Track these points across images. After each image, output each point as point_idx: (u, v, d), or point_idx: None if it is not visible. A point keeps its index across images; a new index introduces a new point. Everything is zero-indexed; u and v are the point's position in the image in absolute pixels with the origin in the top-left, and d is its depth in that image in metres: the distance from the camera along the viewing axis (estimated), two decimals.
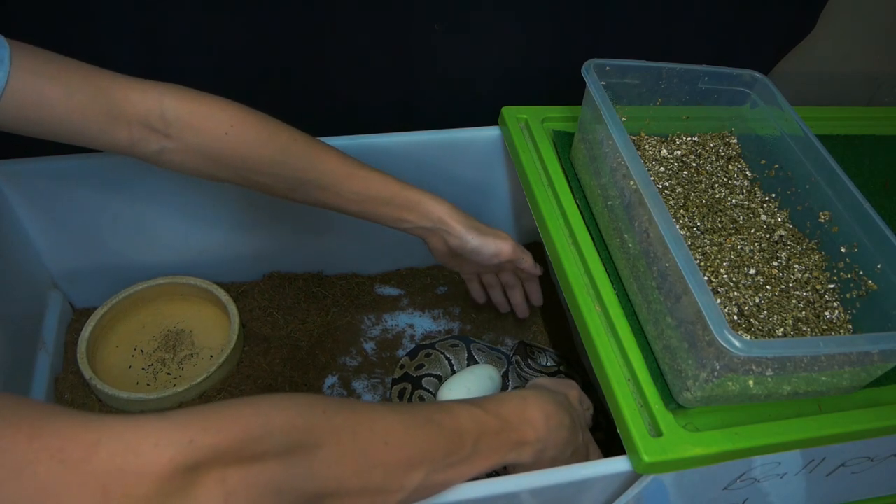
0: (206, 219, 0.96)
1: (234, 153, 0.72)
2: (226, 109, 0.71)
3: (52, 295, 0.96)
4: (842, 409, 0.70)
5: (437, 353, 0.96)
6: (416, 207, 0.82)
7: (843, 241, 0.76)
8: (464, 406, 0.59)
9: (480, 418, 0.59)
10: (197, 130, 0.69)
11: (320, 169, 0.76)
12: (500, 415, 0.61)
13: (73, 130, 0.65)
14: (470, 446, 0.57)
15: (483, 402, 0.62)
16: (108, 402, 0.88)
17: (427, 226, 0.83)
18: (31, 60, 0.62)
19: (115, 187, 0.88)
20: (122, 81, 0.67)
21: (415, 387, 0.90)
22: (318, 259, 1.07)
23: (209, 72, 0.93)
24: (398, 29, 0.94)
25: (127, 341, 0.97)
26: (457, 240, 0.84)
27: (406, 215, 0.82)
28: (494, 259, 0.87)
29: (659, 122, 0.90)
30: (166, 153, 0.71)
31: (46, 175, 0.85)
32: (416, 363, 0.94)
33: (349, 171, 0.78)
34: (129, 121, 0.67)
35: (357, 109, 1.03)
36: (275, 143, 0.73)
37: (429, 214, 0.82)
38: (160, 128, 0.68)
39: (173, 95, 0.68)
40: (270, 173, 0.74)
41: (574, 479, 0.65)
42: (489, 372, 0.92)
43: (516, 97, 0.98)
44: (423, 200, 0.82)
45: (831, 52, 1.19)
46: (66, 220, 0.90)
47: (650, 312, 0.70)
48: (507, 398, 0.64)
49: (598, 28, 1.01)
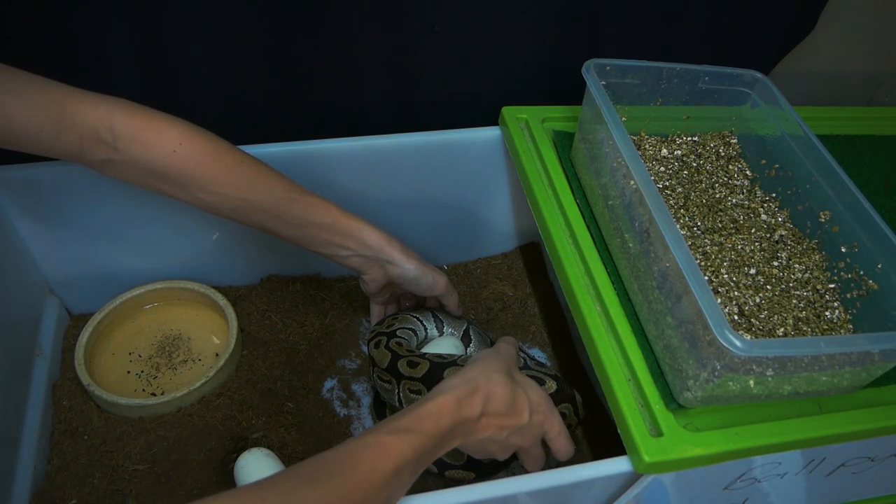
0: (202, 223, 0.95)
1: (179, 170, 0.73)
2: (174, 127, 0.73)
3: (49, 301, 0.96)
4: (842, 409, 0.70)
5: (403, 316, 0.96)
6: (356, 234, 0.82)
7: (843, 241, 0.76)
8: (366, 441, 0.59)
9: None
10: (144, 145, 0.71)
11: (263, 191, 0.77)
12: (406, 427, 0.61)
13: (28, 139, 0.67)
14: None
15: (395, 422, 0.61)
16: (107, 408, 0.88)
17: (367, 254, 0.84)
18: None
19: (111, 193, 0.88)
20: (75, 94, 0.69)
21: (389, 337, 0.90)
22: (316, 262, 1.07)
23: (209, 73, 0.93)
24: (398, 29, 0.94)
25: (125, 347, 0.97)
26: (397, 269, 0.86)
27: (346, 242, 0.82)
28: (429, 291, 0.89)
29: (659, 122, 0.90)
30: (112, 165, 0.72)
31: (42, 181, 0.85)
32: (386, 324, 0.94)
33: (291, 195, 0.79)
34: (80, 131, 0.68)
35: (357, 110, 1.03)
36: (220, 163, 0.75)
37: (367, 242, 0.83)
38: (108, 140, 0.70)
39: (123, 110, 0.70)
40: (214, 192, 0.75)
41: (574, 479, 0.65)
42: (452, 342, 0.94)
43: (516, 97, 0.98)
44: (363, 228, 0.83)
45: (831, 52, 1.19)
46: (62, 226, 0.90)
47: (650, 312, 0.70)
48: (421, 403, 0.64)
49: (598, 28, 1.01)
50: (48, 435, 0.86)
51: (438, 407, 0.62)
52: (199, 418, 0.88)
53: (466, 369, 0.68)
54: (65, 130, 0.68)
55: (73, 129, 0.68)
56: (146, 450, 0.84)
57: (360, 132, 0.94)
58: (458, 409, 0.63)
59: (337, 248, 0.83)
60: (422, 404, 0.62)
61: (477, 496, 0.63)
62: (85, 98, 0.69)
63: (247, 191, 0.76)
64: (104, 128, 0.69)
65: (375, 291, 0.91)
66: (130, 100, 0.72)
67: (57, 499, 0.80)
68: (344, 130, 0.94)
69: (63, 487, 0.81)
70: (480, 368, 0.68)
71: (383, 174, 0.98)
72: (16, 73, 0.66)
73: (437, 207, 1.05)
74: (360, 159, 0.94)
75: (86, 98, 0.69)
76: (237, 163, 0.76)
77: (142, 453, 0.84)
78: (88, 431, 0.86)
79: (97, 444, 0.85)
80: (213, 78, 0.93)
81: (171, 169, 0.73)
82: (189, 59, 0.91)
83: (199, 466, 0.84)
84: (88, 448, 0.85)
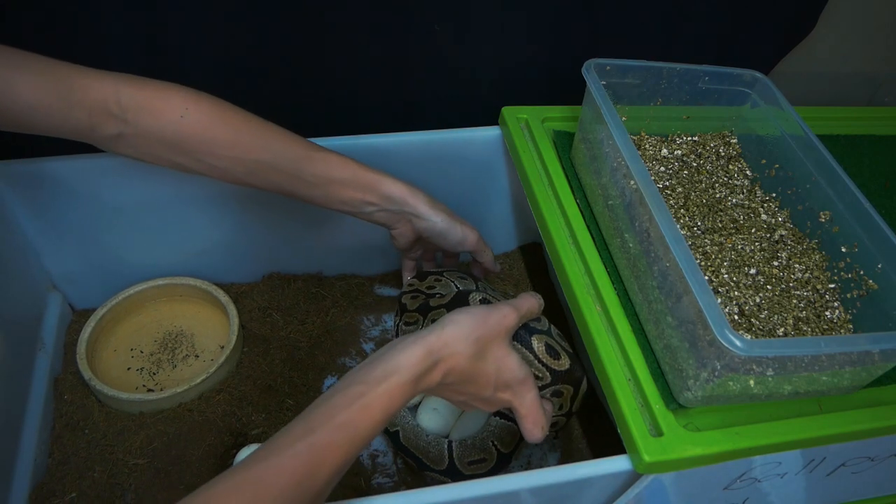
0: (205, 219, 0.95)
1: (189, 136, 0.73)
2: (180, 93, 0.72)
3: (52, 296, 0.96)
4: (842, 408, 0.70)
5: (446, 280, 0.92)
6: (377, 187, 0.80)
7: (843, 241, 0.76)
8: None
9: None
10: (152, 114, 0.71)
11: (276, 150, 0.76)
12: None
13: (37, 118, 0.67)
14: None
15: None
16: (108, 403, 0.88)
17: (391, 209, 0.82)
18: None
19: (114, 188, 0.88)
20: (79, 70, 0.68)
21: (428, 297, 0.86)
22: (318, 260, 1.07)
23: (209, 73, 0.93)
24: (398, 29, 0.94)
25: (126, 342, 0.97)
26: (424, 222, 0.83)
27: (368, 196, 0.80)
28: (459, 246, 0.87)
29: (659, 122, 0.90)
30: (124, 139, 0.72)
31: (45, 176, 0.85)
32: (426, 284, 0.91)
33: (306, 152, 0.78)
34: (89, 106, 0.68)
35: (357, 110, 1.03)
36: (229, 125, 0.74)
37: (390, 194, 0.81)
38: (117, 113, 0.69)
39: (128, 82, 0.70)
40: (227, 156, 0.75)
41: (574, 478, 0.65)
42: None
43: (516, 97, 0.98)
44: (384, 180, 0.81)
45: (831, 52, 1.19)
46: (65, 221, 0.90)
47: (651, 312, 0.70)
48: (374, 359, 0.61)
49: (598, 28, 1.01)
50: (49, 428, 0.86)
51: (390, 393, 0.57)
52: (200, 414, 0.88)
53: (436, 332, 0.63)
54: (74, 106, 0.67)
55: (81, 104, 0.67)
56: (146, 444, 0.85)
57: (360, 132, 0.94)
58: (414, 387, 0.60)
59: (360, 203, 0.81)
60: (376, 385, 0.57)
61: (477, 492, 0.63)
62: (90, 73, 0.68)
63: (260, 151, 0.75)
64: (112, 101, 0.69)
65: (406, 247, 0.89)
66: None
67: (57, 492, 0.80)
68: (344, 130, 0.94)
69: (63, 481, 0.81)
70: (450, 335, 0.63)
71: None
72: (20, 53, 0.66)
73: None
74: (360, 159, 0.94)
75: (91, 73, 0.68)
76: (246, 123, 0.75)
77: (142, 448, 0.84)
78: (89, 425, 0.87)
79: (98, 439, 0.85)
80: (213, 78, 0.93)
81: (181, 136, 0.72)
82: (188, 59, 0.91)
83: (198, 461, 0.84)
84: (89, 442, 0.85)
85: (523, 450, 0.92)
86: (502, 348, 0.67)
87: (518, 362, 0.68)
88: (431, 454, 0.83)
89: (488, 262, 0.91)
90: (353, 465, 0.87)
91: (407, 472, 0.89)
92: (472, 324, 0.65)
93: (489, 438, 0.84)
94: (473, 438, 0.85)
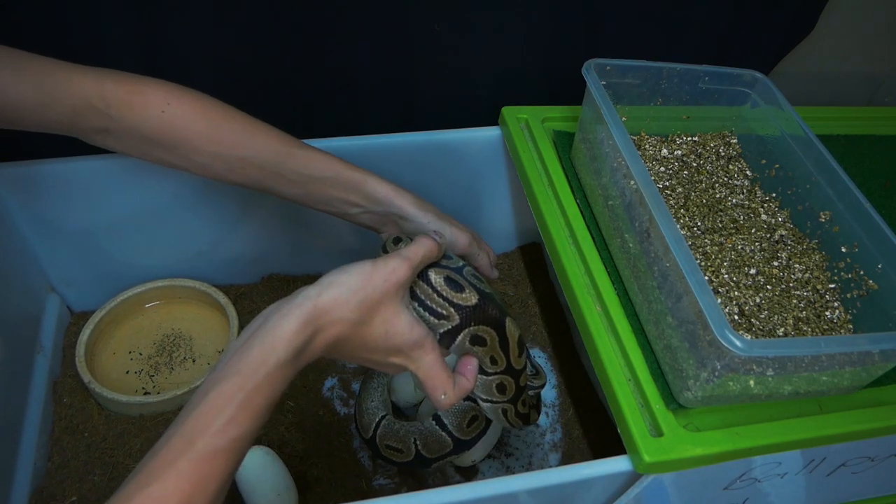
0: (203, 221, 0.95)
1: (170, 131, 0.72)
2: (162, 88, 0.72)
3: (50, 298, 0.96)
4: (842, 409, 0.70)
5: None
6: (361, 187, 0.77)
7: (843, 241, 0.76)
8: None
9: None
10: (134, 108, 0.70)
11: (257, 146, 0.74)
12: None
13: (22, 111, 0.66)
14: None
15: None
16: (108, 405, 0.88)
17: (377, 210, 0.79)
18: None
19: (113, 190, 0.88)
20: (63, 65, 0.68)
21: None
22: (317, 261, 1.07)
23: (209, 73, 0.93)
24: (398, 29, 0.94)
25: (125, 344, 0.97)
26: (411, 224, 0.79)
27: (351, 196, 0.77)
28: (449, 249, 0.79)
29: (659, 122, 0.90)
30: (109, 133, 0.71)
31: (44, 178, 0.85)
32: None
33: (288, 149, 0.75)
34: (73, 100, 0.68)
35: (357, 110, 1.03)
36: (209, 120, 0.73)
37: (375, 195, 0.77)
38: (101, 107, 0.69)
39: (111, 77, 0.70)
40: (208, 151, 0.73)
41: (574, 478, 0.65)
42: None
43: (516, 97, 0.99)
44: (369, 180, 0.77)
45: (831, 52, 1.19)
46: (63, 223, 0.90)
47: (651, 312, 0.70)
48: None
49: (598, 28, 1.01)
50: (48, 432, 0.86)
51: (270, 380, 0.52)
52: None
53: (312, 298, 0.56)
54: (57, 101, 0.67)
55: (65, 98, 0.67)
56: (146, 447, 0.84)
57: (360, 132, 0.94)
58: (295, 364, 0.55)
59: (343, 204, 0.78)
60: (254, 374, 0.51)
61: (476, 494, 0.63)
62: (74, 68, 0.68)
63: (241, 147, 0.74)
64: (96, 95, 0.68)
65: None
66: None
67: (57, 496, 0.80)
68: (343, 130, 0.94)
69: (63, 484, 0.81)
70: (329, 301, 0.56)
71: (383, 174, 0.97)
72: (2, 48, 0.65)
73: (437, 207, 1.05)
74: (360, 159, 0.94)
75: (75, 68, 0.68)
76: (228, 118, 0.74)
77: (142, 451, 0.84)
78: (89, 429, 0.87)
79: (97, 442, 0.85)
80: (212, 78, 0.93)
81: (162, 131, 0.71)
82: (187, 60, 0.91)
83: None
84: (89, 445, 0.85)
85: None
86: (390, 308, 0.60)
87: (409, 323, 0.61)
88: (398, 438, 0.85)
89: (484, 267, 0.83)
90: (353, 466, 0.87)
91: (408, 473, 0.89)
92: (354, 285, 0.58)
93: (411, 435, 0.83)
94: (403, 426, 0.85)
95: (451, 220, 0.80)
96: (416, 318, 0.63)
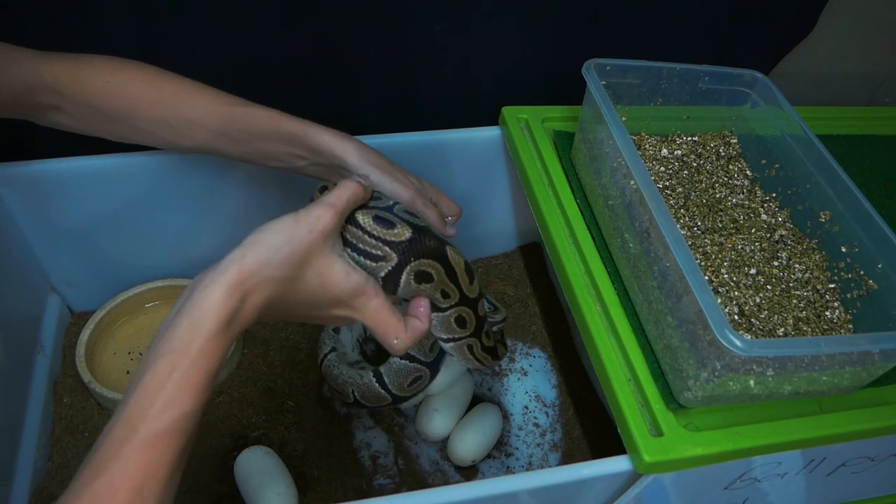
0: (204, 221, 0.95)
1: (115, 101, 0.72)
2: (105, 60, 0.72)
3: (50, 298, 0.96)
4: (842, 408, 0.70)
5: None
6: (301, 139, 0.73)
7: (843, 241, 0.76)
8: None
9: None
10: (80, 82, 0.70)
11: (199, 106, 0.74)
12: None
13: None
14: None
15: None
16: (108, 405, 0.88)
17: (321, 162, 0.75)
18: None
19: (113, 190, 0.88)
20: (9, 47, 0.69)
21: None
22: None
23: (209, 73, 0.92)
24: (398, 29, 0.94)
25: (126, 345, 0.97)
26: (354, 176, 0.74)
27: (295, 150, 0.74)
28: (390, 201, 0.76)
29: (659, 122, 0.90)
30: (60, 111, 0.72)
31: (44, 178, 0.85)
32: None
33: (230, 108, 0.74)
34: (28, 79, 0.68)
35: (357, 110, 1.03)
36: (150, 84, 0.73)
37: (317, 147, 0.73)
38: (51, 83, 0.69)
39: (57, 56, 0.70)
40: (150, 117, 0.73)
41: (575, 478, 0.65)
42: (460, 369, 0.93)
43: (516, 97, 0.98)
44: (309, 131, 0.73)
45: (831, 52, 1.19)
46: (63, 223, 0.90)
47: (651, 312, 0.70)
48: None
49: (598, 28, 1.01)
50: (49, 432, 0.86)
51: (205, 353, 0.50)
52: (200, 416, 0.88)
53: (236, 262, 0.54)
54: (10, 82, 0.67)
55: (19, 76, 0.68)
56: None
57: (360, 132, 0.94)
58: (228, 333, 0.52)
59: (290, 157, 0.75)
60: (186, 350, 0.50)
61: (476, 494, 0.63)
62: (20, 50, 0.69)
63: (184, 108, 0.73)
64: (46, 72, 0.69)
65: None
66: None
67: (57, 495, 0.79)
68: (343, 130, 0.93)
69: (63, 484, 0.81)
70: (253, 263, 0.54)
71: None
72: None
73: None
74: None
75: (21, 49, 0.69)
76: (168, 81, 0.74)
77: None
78: (89, 429, 0.87)
79: None
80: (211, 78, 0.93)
81: (109, 103, 0.72)
82: (186, 59, 0.91)
83: (199, 464, 0.84)
84: (89, 445, 0.85)
85: None
86: (322, 259, 0.58)
87: (344, 271, 0.59)
88: None
89: (432, 220, 0.74)
90: (353, 466, 0.87)
91: (408, 473, 0.89)
92: (277, 241, 0.56)
93: (349, 386, 0.87)
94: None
95: (398, 172, 0.75)
96: (351, 264, 0.60)
